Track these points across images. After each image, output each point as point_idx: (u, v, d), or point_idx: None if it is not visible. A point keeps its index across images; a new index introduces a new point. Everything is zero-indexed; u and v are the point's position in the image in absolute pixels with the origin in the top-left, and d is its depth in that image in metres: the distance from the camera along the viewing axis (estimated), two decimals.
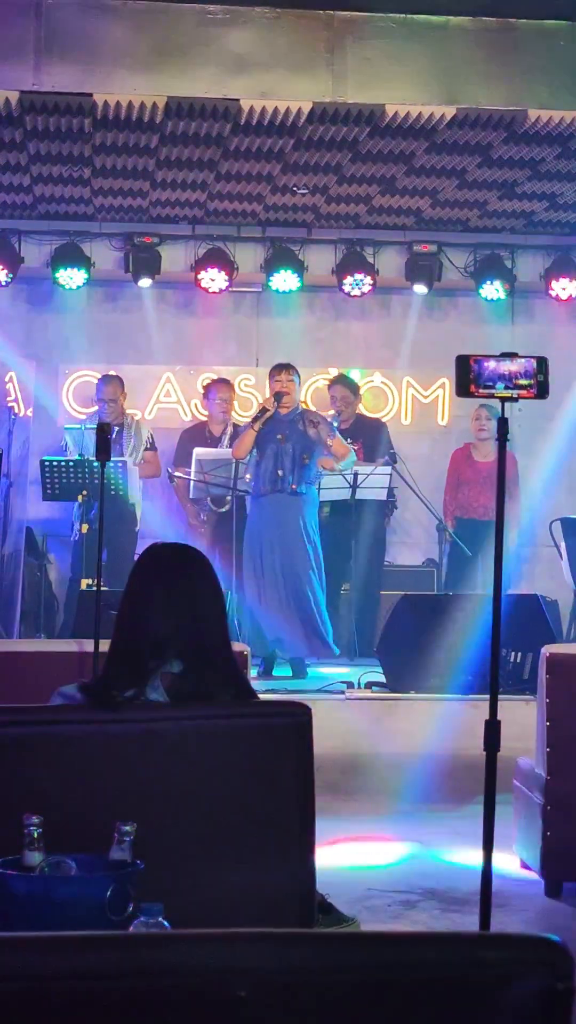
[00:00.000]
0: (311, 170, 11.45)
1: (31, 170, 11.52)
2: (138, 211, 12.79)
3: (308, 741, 3.92)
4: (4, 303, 13.44)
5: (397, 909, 6.25)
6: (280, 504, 10.70)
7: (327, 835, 4.32)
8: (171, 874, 3.56)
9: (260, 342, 13.79)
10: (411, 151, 10.90)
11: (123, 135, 10.57)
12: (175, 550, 4.45)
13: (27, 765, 3.72)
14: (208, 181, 11.78)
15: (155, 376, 13.72)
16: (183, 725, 3.89)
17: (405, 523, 13.56)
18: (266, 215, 12.91)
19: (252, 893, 3.80)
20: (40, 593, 12.68)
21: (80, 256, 12.97)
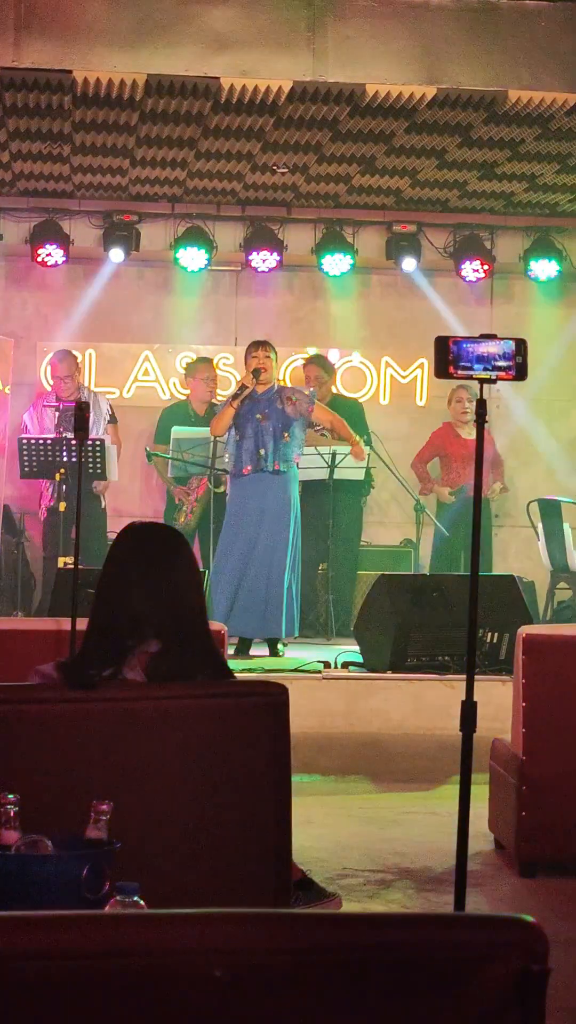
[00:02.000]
0: (291, 149, 11.42)
1: (10, 147, 11.47)
2: (117, 189, 12.76)
3: (285, 721, 3.93)
4: None
5: (372, 888, 6.27)
6: (262, 483, 10.69)
7: (303, 814, 4.33)
8: (148, 853, 3.57)
9: (238, 321, 13.78)
10: (391, 131, 10.89)
11: (103, 112, 10.53)
12: (152, 529, 4.46)
13: (3, 743, 3.72)
14: (188, 159, 11.75)
15: (133, 355, 13.71)
16: (160, 704, 3.90)
17: (382, 503, 13.57)
18: (246, 194, 12.89)
19: (228, 872, 3.81)
20: (17, 571, 12.67)
21: (59, 233, 12.93)
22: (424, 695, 9.25)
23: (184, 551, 4.24)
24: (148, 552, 4.19)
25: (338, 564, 12.21)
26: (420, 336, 12.85)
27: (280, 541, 10.65)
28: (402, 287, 13.81)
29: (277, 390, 10.92)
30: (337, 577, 12.16)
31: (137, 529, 4.33)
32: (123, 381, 13.63)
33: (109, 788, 3.48)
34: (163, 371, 13.74)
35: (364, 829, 7.47)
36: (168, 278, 13.60)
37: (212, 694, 4.00)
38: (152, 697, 3.92)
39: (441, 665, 9.44)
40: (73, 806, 3.37)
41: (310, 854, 6.42)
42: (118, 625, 4.07)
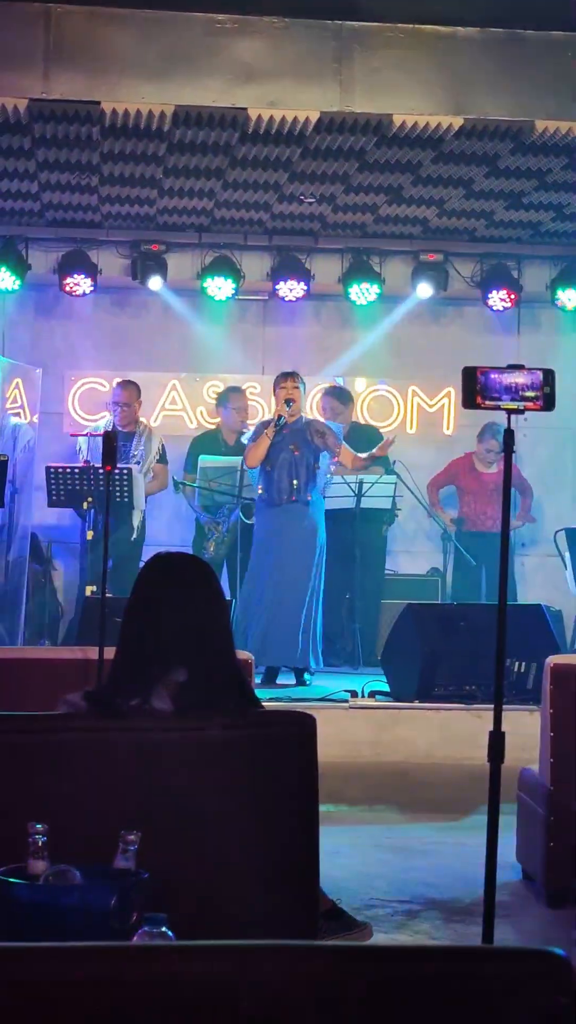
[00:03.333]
0: (318, 179, 11.46)
1: (39, 177, 11.53)
2: (145, 219, 12.81)
3: (312, 750, 3.93)
4: (11, 310, 13.46)
5: (400, 919, 6.25)
6: (295, 513, 10.72)
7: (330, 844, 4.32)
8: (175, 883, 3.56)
9: (266, 350, 13.81)
10: (418, 161, 10.91)
11: (131, 143, 10.58)
12: (179, 559, 4.46)
13: (32, 773, 3.73)
14: (215, 189, 11.79)
15: (161, 383, 13.73)
16: (188, 734, 3.90)
17: (409, 532, 13.56)
18: (273, 224, 12.92)
19: (256, 902, 3.80)
20: (45, 600, 12.69)
21: (87, 263, 12.99)
22: (451, 725, 9.24)
23: (211, 580, 4.24)
24: (175, 582, 4.19)
25: (363, 593, 12.20)
26: (447, 365, 12.84)
27: (309, 570, 10.67)
28: (429, 316, 13.83)
29: (306, 422, 10.95)
30: (363, 606, 12.15)
31: (164, 559, 4.33)
32: (151, 410, 13.66)
33: (137, 818, 3.48)
34: (190, 400, 13.76)
35: (391, 859, 7.45)
36: (196, 307, 13.63)
37: (239, 724, 3.99)
38: (179, 727, 3.92)
39: (468, 695, 9.42)
40: (101, 836, 3.37)
41: (338, 884, 6.39)
42: (146, 654, 4.07)
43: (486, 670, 8.33)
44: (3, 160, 11.05)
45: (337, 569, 11.54)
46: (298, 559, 10.68)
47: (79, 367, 13.59)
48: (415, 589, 12.85)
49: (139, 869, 3.20)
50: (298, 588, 10.67)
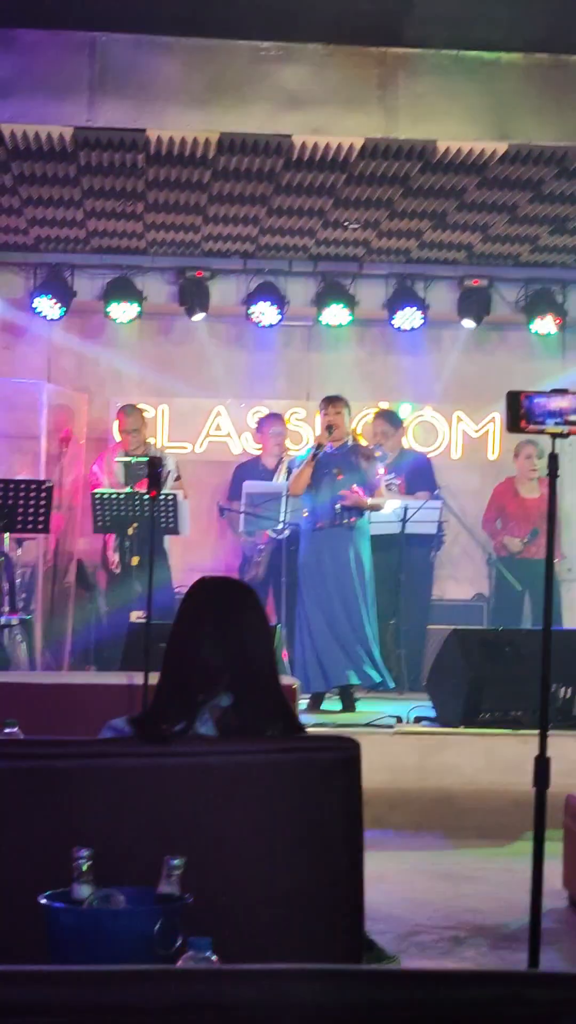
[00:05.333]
0: (362, 205, 11.48)
1: (84, 205, 11.60)
2: (190, 245, 12.86)
3: (357, 776, 3.92)
4: (57, 336, 13.52)
5: (445, 946, 6.22)
6: (339, 537, 10.74)
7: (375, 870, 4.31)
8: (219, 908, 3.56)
9: (311, 376, 13.82)
10: (462, 186, 10.92)
11: (176, 170, 10.63)
12: (223, 584, 4.46)
13: (77, 798, 3.73)
14: (260, 216, 11.83)
15: (206, 409, 13.76)
16: (232, 759, 3.90)
17: (454, 557, 13.54)
18: (317, 250, 12.95)
19: (299, 927, 3.79)
20: (90, 625, 12.71)
21: (132, 290, 13.04)
22: (497, 750, 9.20)
23: (255, 605, 4.24)
24: (219, 607, 4.19)
25: (409, 618, 12.18)
26: (492, 390, 12.82)
27: (359, 593, 10.69)
28: (473, 341, 13.81)
29: (351, 446, 10.96)
30: (408, 631, 12.13)
31: (208, 584, 4.34)
32: (195, 436, 13.69)
33: (181, 843, 3.49)
34: (235, 426, 13.78)
35: (437, 885, 7.43)
36: (240, 333, 13.67)
37: (284, 749, 3.99)
38: (224, 752, 3.92)
39: (514, 720, 9.39)
40: (145, 861, 3.37)
41: (382, 911, 6.38)
42: (190, 680, 4.07)
43: (531, 695, 8.32)
44: (49, 188, 11.11)
45: (383, 594, 11.52)
46: (345, 583, 10.70)
47: (124, 393, 13.63)
48: (460, 614, 12.82)
49: (183, 894, 3.20)
50: (348, 611, 10.68)
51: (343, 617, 10.70)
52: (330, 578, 10.73)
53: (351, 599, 10.71)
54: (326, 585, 10.73)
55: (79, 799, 3.74)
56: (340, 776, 3.89)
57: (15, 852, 3.62)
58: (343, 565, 10.74)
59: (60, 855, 3.33)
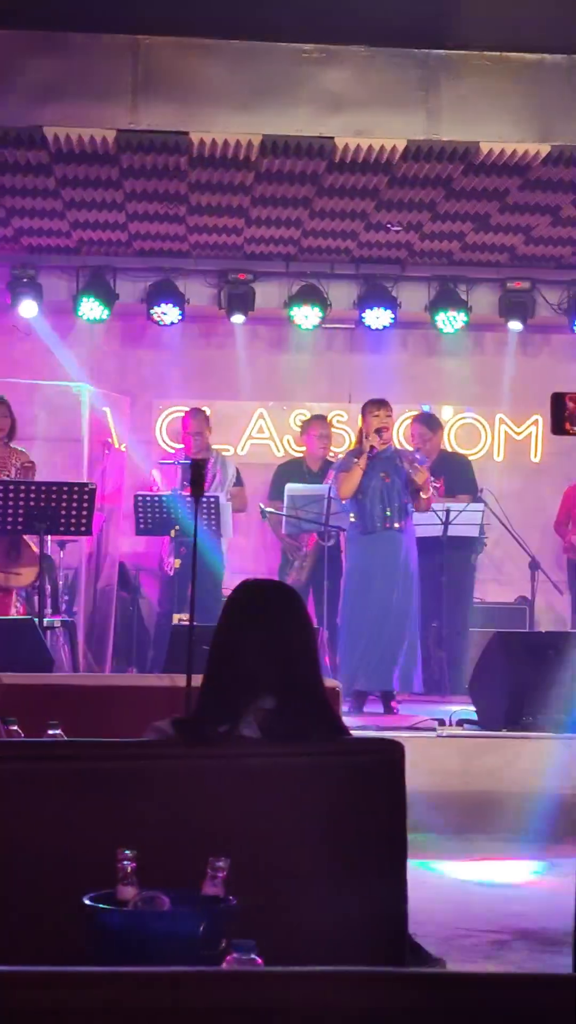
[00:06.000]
0: (405, 207, 11.47)
1: (127, 208, 11.62)
2: (232, 248, 12.87)
3: (400, 779, 3.91)
4: (99, 339, 13.55)
5: (488, 949, 6.20)
6: (388, 541, 10.71)
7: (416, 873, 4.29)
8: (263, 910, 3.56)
9: (353, 379, 13.81)
10: (505, 188, 10.90)
11: (218, 173, 10.65)
12: (267, 586, 4.46)
13: (121, 799, 3.74)
14: (302, 218, 11.83)
15: (247, 412, 13.77)
16: (276, 761, 3.90)
17: (496, 560, 13.50)
18: (359, 252, 12.94)
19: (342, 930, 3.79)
20: (132, 627, 12.74)
21: (174, 293, 13.05)
22: (540, 754, 9.17)
23: (299, 608, 4.24)
24: (263, 609, 4.19)
25: (451, 621, 12.15)
26: (535, 393, 12.79)
27: (408, 597, 10.69)
28: (516, 343, 13.77)
29: (395, 450, 10.96)
30: (450, 634, 12.11)
31: (251, 586, 4.34)
32: (237, 438, 13.70)
33: (225, 844, 3.48)
34: (277, 428, 13.79)
35: (480, 889, 7.40)
36: (282, 336, 13.67)
37: (327, 752, 3.99)
38: (268, 754, 3.92)
39: (557, 723, 9.35)
40: (189, 862, 3.37)
41: (425, 914, 6.35)
42: (233, 682, 4.07)
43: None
44: (92, 191, 11.14)
45: (425, 597, 11.50)
46: (394, 587, 10.68)
47: (167, 396, 13.66)
48: (503, 617, 12.79)
49: (228, 896, 3.19)
50: (397, 615, 10.67)
51: (391, 621, 10.68)
52: (379, 582, 10.71)
53: (399, 603, 10.69)
54: (373, 590, 10.71)
55: (123, 800, 3.74)
56: (384, 779, 3.88)
57: (60, 853, 3.63)
58: (393, 569, 10.72)
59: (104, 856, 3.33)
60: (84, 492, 10.12)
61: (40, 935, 3.42)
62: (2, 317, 13.31)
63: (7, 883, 3.55)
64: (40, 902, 3.56)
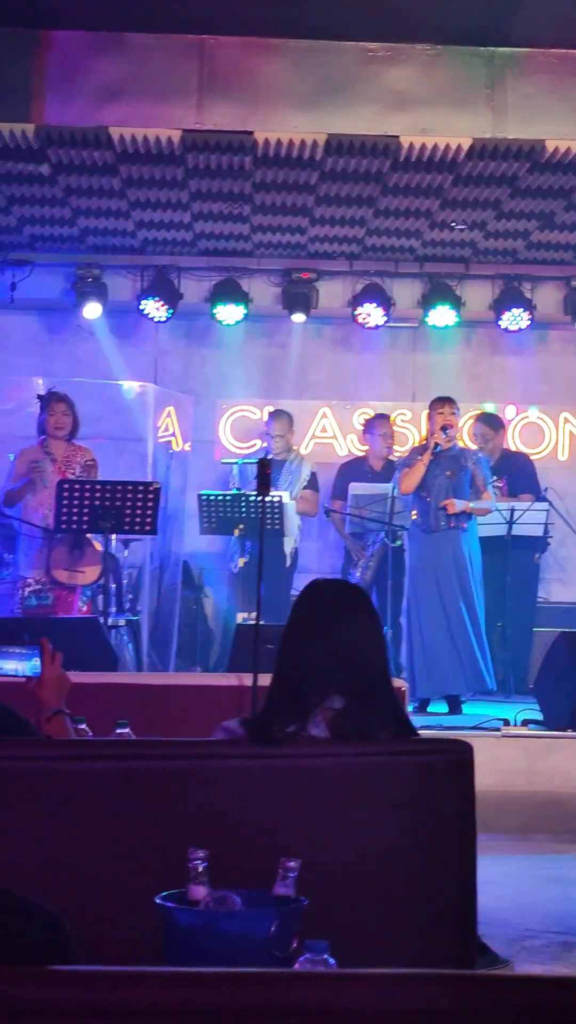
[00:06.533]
0: (470, 206, 11.44)
1: (192, 207, 11.64)
2: (296, 247, 12.87)
3: (469, 779, 3.90)
4: (163, 338, 13.59)
5: (556, 950, 6.18)
6: (449, 540, 10.69)
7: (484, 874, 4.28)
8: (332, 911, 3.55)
9: (416, 377, 13.79)
10: (571, 186, 10.86)
11: (283, 172, 10.65)
12: (336, 586, 4.46)
13: (191, 799, 3.74)
14: (367, 217, 11.82)
15: (311, 411, 13.77)
16: (345, 761, 3.89)
17: (561, 560, 13.44)
18: (424, 251, 12.92)
19: (412, 931, 3.78)
20: (196, 626, 12.76)
21: (238, 292, 13.07)
22: None
23: (368, 608, 4.24)
24: (332, 609, 4.19)
25: (515, 621, 12.11)
26: None
27: (468, 596, 10.65)
28: None
29: (460, 449, 10.93)
30: (514, 634, 12.06)
31: (321, 586, 4.34)
32: (301, 437, 13.70)
33: (294, 844, 3.48)
34: (341, 427, 13.78)
35: (547, 890, 7.38)
36: (346, 335, 13.66)
37: (396, 751, 3.98)
38: (337, 754, 3.92)
39: None
40: (258, 862, 3.37)
41: (492, 915, 6.34)
42: (302, 682, 4.07)
43: None
44: (157, 190, 11.17)
45: (489, 596, 11.47)
46: (456, 585, 10.65)
47: (230, 395, 13.67)
48: (568, 617, 12.73)
49: (299, 896, 3.19)
50: (460, 615, 10.63)
51: (454, 621, 10.65)
52: (441, 581, 10.68)
53: (461, 603, 10.66)
54: (437, 589, 10.69)
55: (193, 800, 3.75)
56: (453, 779, 3.87)
57: (130, 853, 3.63)
58: (454, 568, 10.69)
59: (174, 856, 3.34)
60: (149, 491, 10.14)
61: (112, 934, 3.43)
62: (67, 317, 13.37)
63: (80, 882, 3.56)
64: (111, 901, 3.57)
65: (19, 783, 3.74)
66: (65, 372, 12.87)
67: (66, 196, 11.37)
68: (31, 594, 10.40)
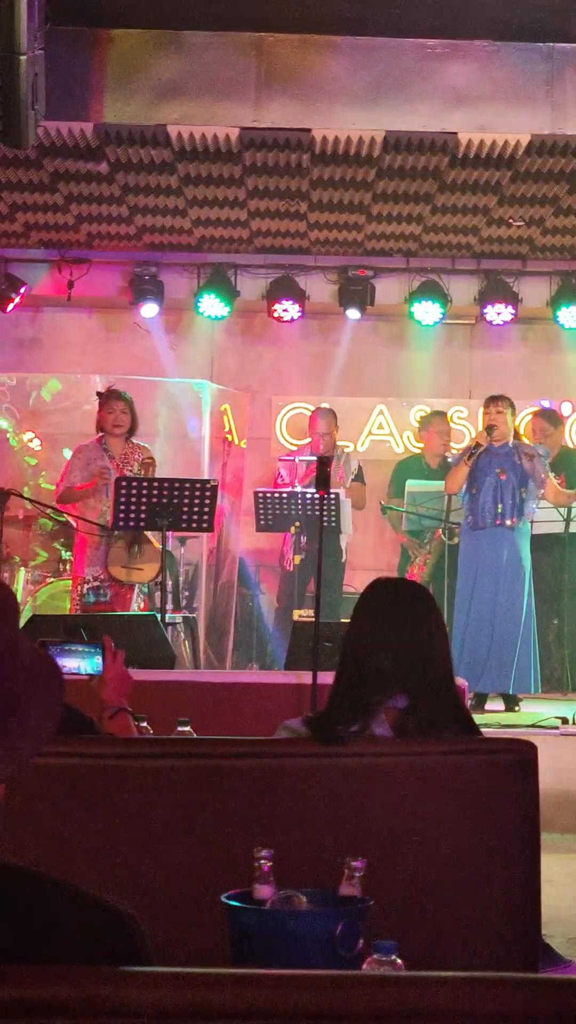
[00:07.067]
0: (527, 202, 11.39)
1: (249, 205, 11.64)
2: (353, 244, 12.85)
3: (533, 778, 3.89)
4: (220, 336, 13.61)
5: None
6: (498, 538, 10.65)
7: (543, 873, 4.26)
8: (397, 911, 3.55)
9: (473, 374, 13.75)
10: None
11: (340, 169, 10.63)
12: (398, 585, 4.46)
13: (255, 798, 3.75)
14: (424, 214, 11.79)
15: (367, 408, 13.76)
16: (409, 760, 3.89)
17: None
18: (481, 247, 12.87)
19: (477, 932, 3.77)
20: (252, 623, 12.77)
21: (295, 289, 13.07)
22: None
23: (431, 607, 4.23)
24: (395, 608, 4.18)
25: (572, 619, 12.06)
26: None
27: (518, 595, 10.60)
28: None
29: (514, 445, 10.87)
30: (571, 632, 12.01)
31: (384, 585, 4.33)
32: (357, 435, 13.69)
33: (359, 844, 3.48)
34: (397, 425, 13.76)
35: None
36: (402, 332, 13.64)
37: (460, 750, 3.97)
38: (401, 753, 3.91)
39: None
40: (323, 861, 3.37)
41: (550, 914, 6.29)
42: (365, 681, 4.07)
43: None
44: (214, 188, 11.18)
45: (545, 594, 11.43)
46: (506, 584, 10.61)
47: (286, 392, 13.68)
48: None
49: (365, 896, 3.18)
50: (509, 614, 10.60)
51: (500, 620, 10.61)
52: (488, 579, 10.65)
53: (510, 601, 10.62)
54: (484, 586, 10.66)
55: (256, 799, 3.75)
56: (517, 778, 3.86)
57: (195, 851, 3.64)
58: (502, 566, 10.65)
59: (238, 855, 3.34)
60: (206, 489, 10.16)
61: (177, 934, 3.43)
62: (124, 314, 13.41)
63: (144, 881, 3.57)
64: (176, 900, 3.58)
65: (83, 781, 3.75)
66: (122, 370, 12.91)
67: (124, 194, 11.39)
68: (89, 591, 10.43)
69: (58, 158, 10.54)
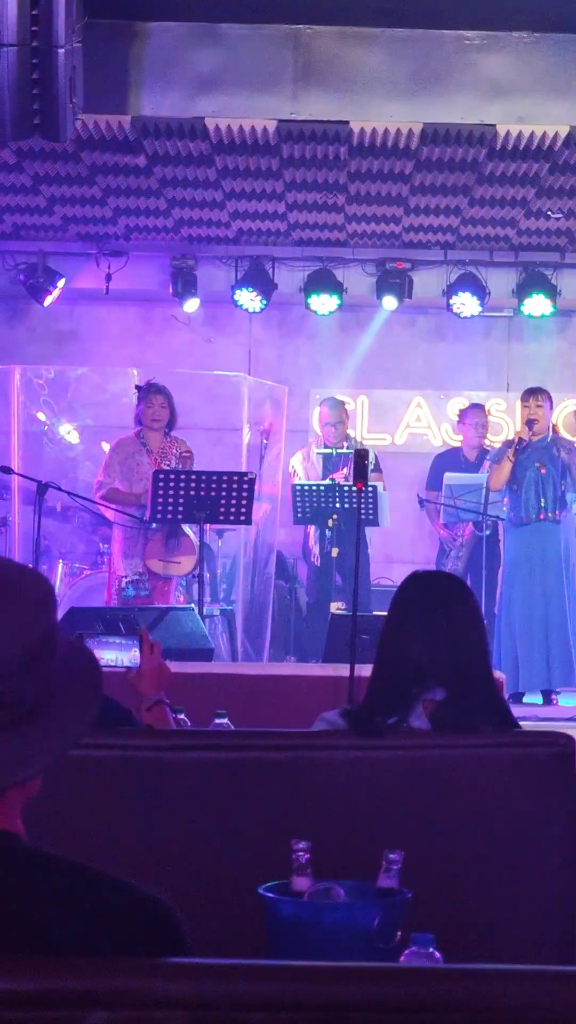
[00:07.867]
0: (566, 194, 11.35)
1: (286, 198, 11.64)
2: (391, 237, 12.83)
3: (572, 771, 3.88)
4: (257, 329, 13.61)
5: None
6: (542, 533, 10.64)
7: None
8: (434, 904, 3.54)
9: (511, 367, 13.72)
10: None
11: (378, 162, 10.61)
12: (438, 577, 4.46)
13: (293, 790, 3.75)
14: (462, 206, 11.76)
15: (405, 401, 13.75)
16: (446, 753, 3.88)
17: None
18: (519, 240, 12.84)
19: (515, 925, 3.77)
20: (290, 616, 12.77)
21: (333, 282, 13.06)
22: None
23: (469, 600, 4.22)
24: (433, 601, 4.18)
25: None
26: None
27: (560, 590, 10.59)
28: None
29: (553, 438, 10.85)
30: None
31: (421, 578, 4.33)
32: (395, 427, 13.68)
33: (396, 836, 3.47)
34: (435, 417, 13.74)
35: None
36: (440, 324, 13.62)
37: (498, 744, 3.96)
38: (438, 746, 3.91)
39: None
40: (360, 854, 3.37)
41: None
42: (403, 674, 4.07)
43: None
44: (252, 181, 11.18)
45: None
46: (550, 579, 10.60)
47: (324, 385, 13.67)
48: None
49: (403, 888, 3.18)
50: (552, 608, 10.58)
51: (546, 615, 10.60)
52: (533, 575, 10.64)
53: (557, 596, 10.61)
54: (529, 582, 10.65)
55: (294, 791, 3.75)
56: (556, 772, 3.85)
57: (232, 843, 3.65)
58: (547, 561, 10.64)
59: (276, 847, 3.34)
60: (244, 482, 10.16)
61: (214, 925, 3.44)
62: (162, 307, 13.42)
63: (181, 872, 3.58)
64: (213, 892, 3.58)
65: (121, 773, 3.76)
66: (159, 363, 12.93)
67: (161, 187, 11.40)
68: (128, 584, 10.45)
69: (96, 151, 10.55)
